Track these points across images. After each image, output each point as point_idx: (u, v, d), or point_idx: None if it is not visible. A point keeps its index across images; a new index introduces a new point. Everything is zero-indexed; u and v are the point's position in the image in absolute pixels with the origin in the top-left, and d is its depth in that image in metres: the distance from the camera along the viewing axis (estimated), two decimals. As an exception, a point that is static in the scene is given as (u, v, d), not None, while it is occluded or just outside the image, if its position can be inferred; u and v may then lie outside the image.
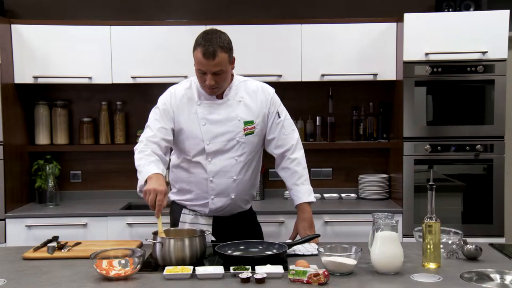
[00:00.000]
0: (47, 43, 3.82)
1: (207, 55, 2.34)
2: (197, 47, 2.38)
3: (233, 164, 2.52)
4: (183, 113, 2.53)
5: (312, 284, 1.94)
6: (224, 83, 2.47)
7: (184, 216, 2.63)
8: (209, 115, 2.51)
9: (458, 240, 2.30)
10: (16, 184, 3.82)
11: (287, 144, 2.62)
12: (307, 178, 2.66)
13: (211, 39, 2.36)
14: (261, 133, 2.59)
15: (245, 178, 2.57)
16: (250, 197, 2.67)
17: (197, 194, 2.58)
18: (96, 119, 4.15)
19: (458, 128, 3.65)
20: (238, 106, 2.53)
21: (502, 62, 3.59)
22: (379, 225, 2.11)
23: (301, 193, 2.61)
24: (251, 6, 4.18)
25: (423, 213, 2.27)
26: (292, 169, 2.62)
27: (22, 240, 3.55)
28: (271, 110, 2.59)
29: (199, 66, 2.39)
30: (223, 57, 2.37)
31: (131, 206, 3.98)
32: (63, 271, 2.15)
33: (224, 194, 2.54)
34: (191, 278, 2.04)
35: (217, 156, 2.51)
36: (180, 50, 3.82)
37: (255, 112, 2.55)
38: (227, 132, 2.51)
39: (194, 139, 2.51)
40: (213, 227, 2.59)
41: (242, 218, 2.65)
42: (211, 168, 2.51)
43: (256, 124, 2.54)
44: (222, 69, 2.39)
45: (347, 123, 4.18)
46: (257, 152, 2.62)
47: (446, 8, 3.83)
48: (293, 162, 2.62)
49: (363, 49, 3.83)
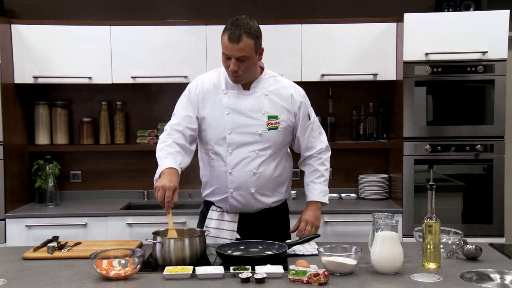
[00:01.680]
0: (47, 43, 3.82)
1: (231, 39, 2.33)
2: (224, 31, 2.37)
3: (253, 157, 2.48)
4: (208, 102, 2.51)
5: (312, 284, 1.94)
6: (248, 72, 2.43)
7: (211, 212, 2.61)
8: (234, 104, 2.49)
9: (458, 240, 2.30)
10: (16, 184, 3.82)
11: (316, 147, 2.63)
12: (327, 180, 2.66)
13: (239, 24, 2.34)
14: (286, 131, 2.53)
15: (266, 173, 2.51)
16: (274, 193, 2.58)
17: (217, 188, 2.55)
18: (96, 119, 4.15)
19: (458, 128, 3.65)
20: (264, 100, 2.50)
21: (502, 62, 3.59)
22: (379, 225, 2.11)
23: (317, 191, 2.61)
24: (251, 6, 4.18)
25: (423, 213, 2.27)
26: (315, 167, 2.63)
27: (22, 240, 3.55)
28: (301, 111, 2.55)
29: (224, 50, 2.38)
30: (249, 43, 2.34)
31: (131, 206, 3.99)
32: (63, 271, 2.15)
33: (244, 188, 2.50)
34: (191, 278, 2.03)
35: (238, 148, 2.48)
36: (180, 50, 3.83)
37: (281, 108, 2.51)
38: (250, 124, 2.48)
39: (216, 128, 2.49)
40: (238, 225, 2.55)
41: (268, 216, 2.59)
42: (231, 160, 2.48)
43: (280, 120, 2.50)
44: (246, 55, 2.36)
45: (347, 123, 4.18)
46: (281, 149, 2.57)
47: (446, 8, 3.83)
48: (318, 160, 2.64)
49: (363, 49, 3.83)
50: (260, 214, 2.57)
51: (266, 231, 2.51)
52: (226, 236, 2.54)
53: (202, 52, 3.82)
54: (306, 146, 2.62)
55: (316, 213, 2.60)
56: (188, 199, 4.06)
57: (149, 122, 4.17)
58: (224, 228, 2.56)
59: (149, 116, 4.18)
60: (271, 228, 2.57)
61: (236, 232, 2.54)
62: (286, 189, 2.66)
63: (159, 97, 4.19)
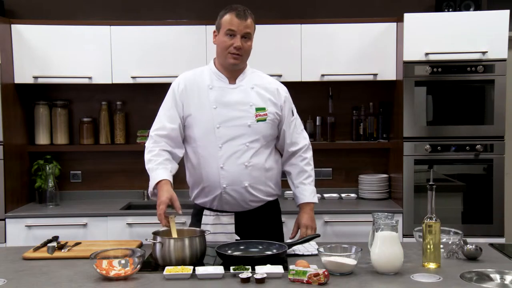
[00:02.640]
0: (47, 43, 3.82)
1: (239, 16, 2.45)
2: (229, 11, 2.48)
3: (244, 150, 2.49)
4: (193, 99, 2.53)
5: (312, 284, 1.94)
6: (246, 55, 2.53)
7: (206, 218, 2.58)
8: (221, 98, 2.51)
9: (458, 240, 2.30)
10: (16, 184, 3.82)
11: (300, 143, 2.67)
12: (313, 180, 2.69)
13: (240, 6, 2.50)
14: (273, 123, 2.56)
15: (258, 166, 2.51)
16: (266, 187, 2.57)
17: (208, 187, 2.53)
18: (96, 119, 4.15)
19: (458, 128, 3.65)
20: (251, 92, 2.54)
21: (502, 62, 3.59)
22: (379, 225, 2.11)
23: (308, 192, 2.64)
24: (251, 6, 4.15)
25: (423, 213, 2.28)
26: (302, 167, 2.65)
27: (22, 240, 3.55)
28: (286, 106, 2.61)
29: (230, 26, 2.46)
30: (252, 22, 2.51)
31: (131, 206, 3.99)
32: (63, 271, 2.15)
33: (237, 182, 2.49)
34: (191, 278, 2.03)
35: (228, 141, 2.48)
36: (180, 50, 3.83)
37: (267, 101, 2.55)
38: (239, 117, 2.50)
39: (204, 124, 2.50)
40: (236, 225, 2.55)
41: (264, 213, 2.60)
42: (222, 155, 2.48)
43: (268, 111, 2.53)
44: (250, 33, 2.50)
45: (347, 123, 4.19)
46: (270, 142, 2.59)
47: (446, 8, 3.83)
48: (303, 160, 2.66)
49: (363, 49, 3.83)
50: (255, 212, 2.58)
51: (261, 229, 2.53)
52: (225, 239, 2.52)
53: (202, 52, 3.82)
54: (291, 141, 2.64)
55: (311, 215, 2.64)
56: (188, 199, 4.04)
57: (149, 122, 4.07)
58: (222, 232, 2.55)
59: (149, 116, 4.12)
60: (265, 226, 2.59)
61: (234, 233, 2.53)
62: (276, 183, 2.66)
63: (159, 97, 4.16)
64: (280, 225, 2.74)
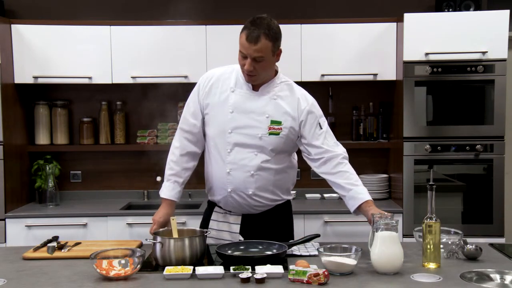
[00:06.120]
0: (47, 43, 3.82)
1: (249, 39, 2.31)
2: (244, 30, 2.35)
3: (251, 158, 2.45)
4: (213, 97, 2.50)
5: (312, 284, 1.94)
6: (263, 73, 2.40)
7: (215, 214, 2.61)
8: (239, 104, 2.46)
9: (458, 240, 2.30)
10: (16, 184, 3.82)
11: (339, 150, 2.51)
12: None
13: (259, 24, 2.33)
14: (288, 139, 2.46)
15: (265, 176, 2.47)
16: (273, 195, 2.53)
17: (217, 187, 2.53)
18: (96, 119, 4.15)
19: (458, 128, 3.65)
20: (270, 103, 2.45)
21: (502, 62, 3.59)
22: (379, 225, 2.11)
23: (364, 191, 2.48)
24: (251, 6, 4.18)
25: (423, 213, 2.27)
26: (349, 171, 2.50)
27: (22, 240, 3.55)
28: (308, 120, 2.47)
29: (241, 49, 2.35)
30: (266, 44, 2.33)
31: (131, 206, 3.99)
32: (63, 271, 2.15)
33: (242, 188, 2.47)
34: (191, 278, 2.04)
35: (237, 147, 2.45)
36: (180, 50, 3.83)
37: (285, 115, 2.45)
38: (251, 126, 2.44)
39: (218, 126, 2.48)
40: (242, 226, 2.54)
41: (272, 217, 2.56)
42: (230, 160, 2.46)
43: (283, 126, 2.44)
44: (263, 56, 2.34)
45: (347, 123, 4.18)
46: (283, 157, 2.52)
47: (446, 8, 3.83)
48: (346, 165, 2.51)
49: (363, 49, 3.83)
50: (263, 215, 2.55)
51: (270, 232, 2.49)
52: (228, 238, 2.52)
53: (202, 52, 3.82)
54: (326, 150, 2.49)
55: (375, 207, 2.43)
56: (188, 199, 4.06)
57: (149, 122, 4.16)
58: (226, 230, 2.56)
59: (149, 116, 4.17)
60: (274, 229, 2.54)
61: (239, 234, 2.53)
62: (286, 189, 2.61)
63: (159, 97, 4.18)
64: (291, 226, 2.68)
